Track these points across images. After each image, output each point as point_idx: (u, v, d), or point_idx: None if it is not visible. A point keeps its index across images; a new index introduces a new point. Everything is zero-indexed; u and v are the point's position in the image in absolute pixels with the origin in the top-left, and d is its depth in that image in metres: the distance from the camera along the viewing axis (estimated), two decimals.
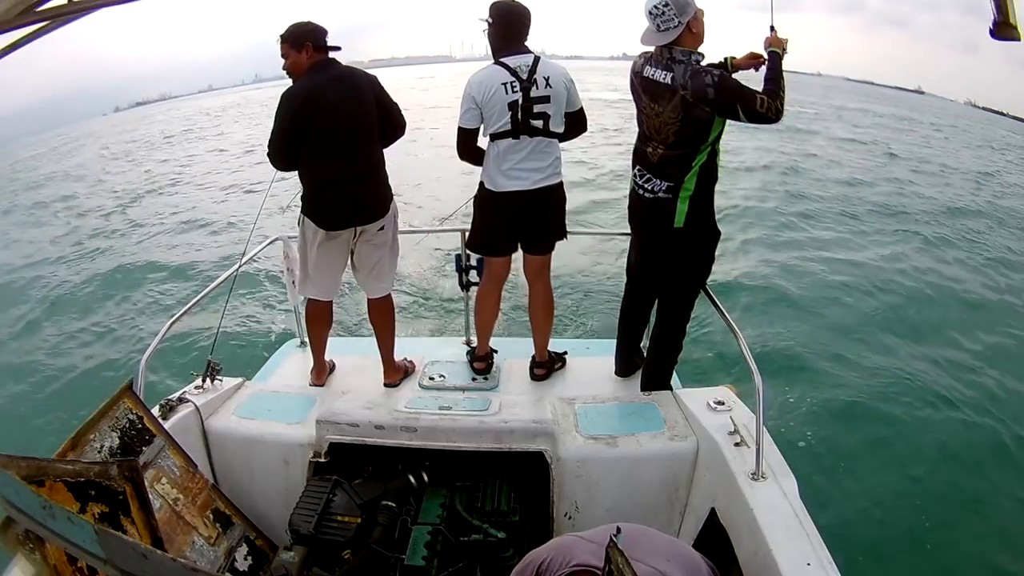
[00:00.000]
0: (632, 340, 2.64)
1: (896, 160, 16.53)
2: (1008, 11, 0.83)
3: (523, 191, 2.36)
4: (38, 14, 0.71)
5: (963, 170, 15.83)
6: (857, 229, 9.44)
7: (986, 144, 23.89)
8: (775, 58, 2.11)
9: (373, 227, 2.40)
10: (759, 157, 14.76)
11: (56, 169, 20.78)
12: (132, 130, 35.34)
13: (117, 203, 12.48)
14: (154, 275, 7.86)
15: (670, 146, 2.13)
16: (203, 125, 31.88)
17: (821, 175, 13.46)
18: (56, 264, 8.67)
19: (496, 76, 2.25)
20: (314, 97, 2.21)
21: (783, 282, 7.05)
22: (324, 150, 2.27)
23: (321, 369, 2.70)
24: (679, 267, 2.32)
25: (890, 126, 26.53)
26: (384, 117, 2.36)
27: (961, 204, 11.59)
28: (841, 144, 18.71)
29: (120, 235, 9.96)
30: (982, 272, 7.77)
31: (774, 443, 1.80)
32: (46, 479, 1.33)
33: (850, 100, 41.71)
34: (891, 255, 8.11)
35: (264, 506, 2.20)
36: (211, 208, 11.64)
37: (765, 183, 12.24)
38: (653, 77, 2.12)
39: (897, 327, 6.01)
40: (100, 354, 5.76)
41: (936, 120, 34.50)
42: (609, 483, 2.05)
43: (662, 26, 2.05)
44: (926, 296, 6.86)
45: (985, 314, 6.46)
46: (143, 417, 1.87)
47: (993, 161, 18.64)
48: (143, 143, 25.94)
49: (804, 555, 1.42)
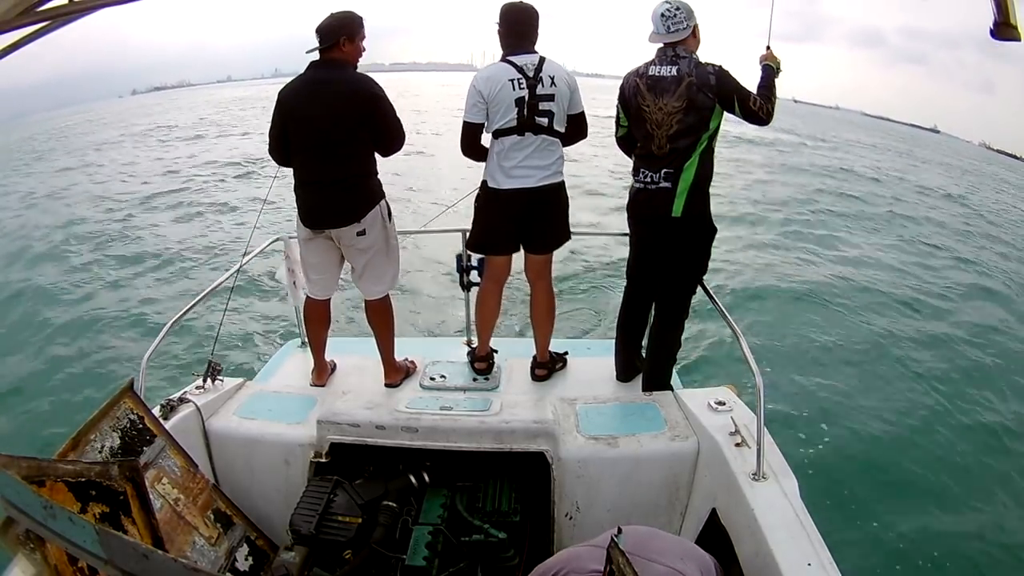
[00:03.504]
0: (632, 343, 2.65)
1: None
2: (1008, 11, 0.83)
3: (526, 189, 2.36)
4: (38, 14, 0.71)
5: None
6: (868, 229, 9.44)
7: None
8: (769, 70, 2.29)
9: (349, 231, 2.38)
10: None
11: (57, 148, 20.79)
12: (149, 114, 35.21)
13: (117, 203, 12.48)
14: (155, 275, 7.86)
15: (672, 136, 2.25)
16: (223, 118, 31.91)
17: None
18: (56, 265, 8.67)
19: (503, 72, 2.28)
20: (290, 99, 2.29)
21: (784, 281, 7.05)
22: (300, 151, 2.33)
23: (322, 369, 2.70)
24: (677, 261, 2.38)
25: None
26: (375, 127, 2.32)
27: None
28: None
29: (120, 235, 9.96)
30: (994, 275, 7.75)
31: (775, 443, 1.80)
32: (47, 479, 1.33)
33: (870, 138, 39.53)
34: (897, 258, 8.10)
35: (265, 506, 2.20)
36: (215, 207, 11.64)
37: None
38: (659, 74, 2.26)
39: (900, 327, 6.01)
40: (100, 354, 5.76)
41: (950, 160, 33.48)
42: (610, 483, 2.05)
43: (672, 27, 2.23)
44: (928, 297, 6.86)
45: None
46: (144, 417, 1.87)
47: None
48: (162, 129, 25.81)
49: (805, 555, 1.41)
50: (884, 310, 6.44)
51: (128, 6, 0.75)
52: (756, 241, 8.68)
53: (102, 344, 5.99)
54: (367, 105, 2.28)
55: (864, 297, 6.74)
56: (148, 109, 45.32)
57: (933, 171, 23.76)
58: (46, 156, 21.31)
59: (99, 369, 5.46)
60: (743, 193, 11.65)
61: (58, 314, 6.80)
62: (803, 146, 25.22)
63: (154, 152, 20.22)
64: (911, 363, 5.33)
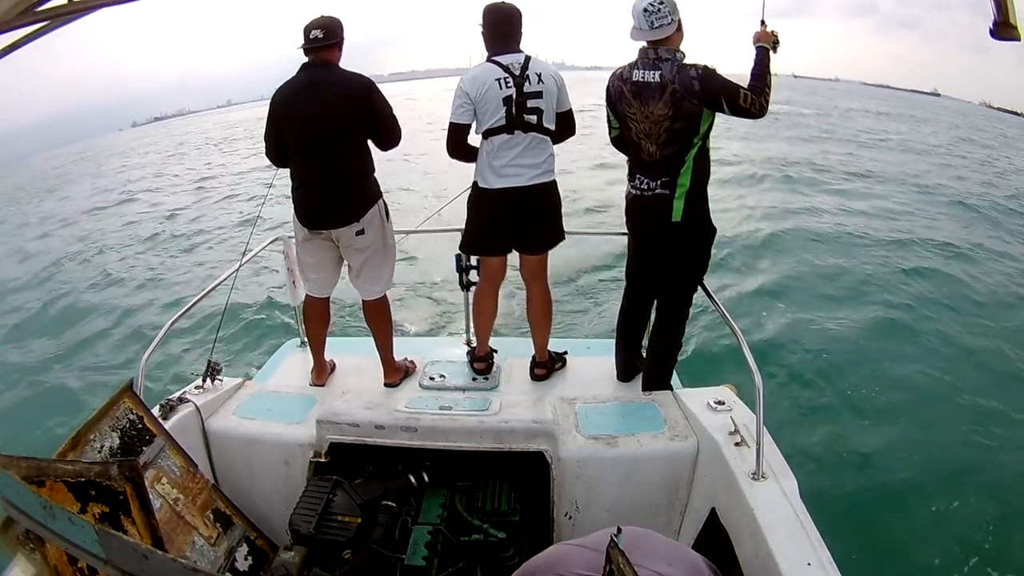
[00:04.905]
0: (632, 343, 2.65)
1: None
2: (1008, 11, 0.83)
3: (517, 188, 2.36)
4: (38, 14, 0.71)
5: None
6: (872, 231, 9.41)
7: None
8: (762, 54, 2.15)
9: (348, 231, 2.38)
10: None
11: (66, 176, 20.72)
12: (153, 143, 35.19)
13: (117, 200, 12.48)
14: (155, 275, 7.86)
15: (663, 144, 2.19)
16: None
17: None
18: (55, 263, 8.67)
19: (490, 73, 2.28)
20: (286, 101, 2.31)
21: (784, 282, 7.05)
22: (298, 152, 2.34)
23: (321, 369, 2.70)
24: (677, 263, 2.36)
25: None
26: (371, 125, 2.33)
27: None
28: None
29: (119, 234, 9.96)
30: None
31: (774, 443, 1.80)
32: (46, 479, 1.32)
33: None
34: (900, 259, 8.09)
35: (264, 506, 2.20)
36: (215, 210, 11.64)
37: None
38: (642, 79, 2.17)
39: (903, 327, 6.01)
40: (100, 354, 5.76)
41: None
42: (609, 483, 2.05)
43: (656, 23, 2.12)
44: (931, 297, 6.85)
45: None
46: (143, 417, 1.87)
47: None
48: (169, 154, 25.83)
49: (805, 555, 1.41)
50: (884, 308, 6.44)
51: (121, 19, 0.75)
52: (758, 240, 8.67)
53: (102, 344, 5.98)
54: (363, 102, 2.28)
55: (871, 297, 6.74)
56: (159, 137, 45.35)
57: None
58: (61, 189, 21.28)
59: (99, 369, 5.45)
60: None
61: (58, 314, 6.80)
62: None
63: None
64: (912, 360, 5.33)
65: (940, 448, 4.14)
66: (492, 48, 2.34)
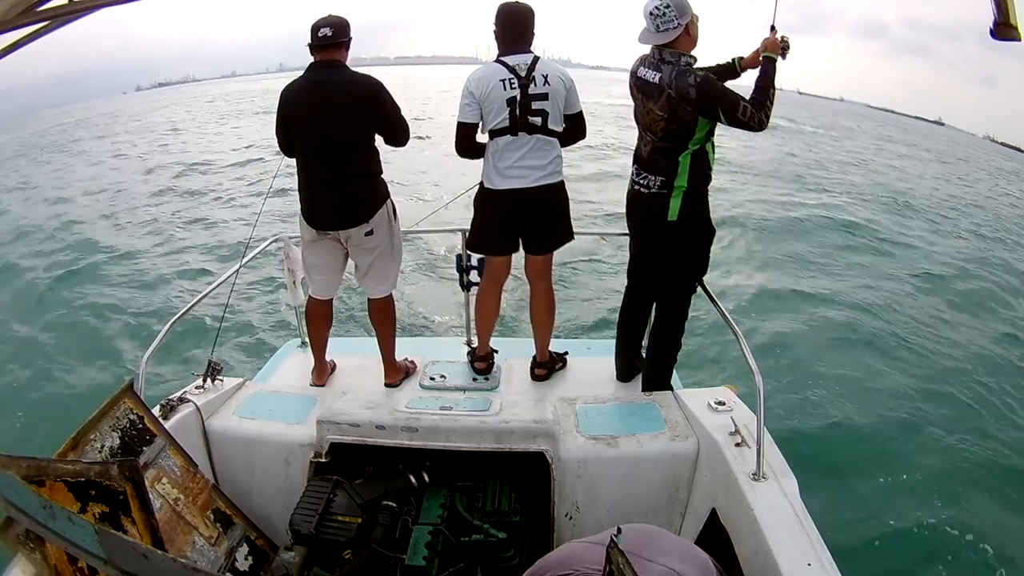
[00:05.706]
0: (632, 343, 2.65)
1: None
2: (1008, 11, 0.83)
3: (522, 189, 2.36)
4: (38, 14, 0.71)
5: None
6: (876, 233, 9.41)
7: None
8: (768, 64, 2.14)
9: (358, 231, 2.39)
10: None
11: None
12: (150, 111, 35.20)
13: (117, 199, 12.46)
14: (155, 275, 7.86)
15: (659, 141, 2.21)
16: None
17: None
18: (55, 263, 8.67)
19: (494, 73, 2.28)
20: (293, 101, 2.31)
21: (785, 281, 7.05)
22: (306, 152, 2.34)
23: (322, 369, 2.70)
24: (674, 262, 2.36)
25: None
26: (380, 123, 2.34)
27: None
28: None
29: (119, 234, 9.95)
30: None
31: (775, 443, 1.80)
32: (46, 479, 1.33)
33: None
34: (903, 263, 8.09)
35: (265, 506, 2.20)
36: (215, 206, 11.63)
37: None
38: (644, 77, 2.20)
39: (903, 327, 6.01)
40: (100, 354, 5.76)
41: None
42: (610, 483, 2.05)
43: (662, 26, 2.11)
44: (934, 298, 6.85)
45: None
46: (144, 417, 1.87)
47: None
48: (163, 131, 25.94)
49: (805, 555, 1.41)
50: (886, 309, 6.44)
51: (129, 5, 0.75)
52: (758, 238, 8.67)
53: (102, 344, 5.98)
54: (371, 102, 2.29)
55: (871, 297, 6.74)
56: (157, 103, 45.37)
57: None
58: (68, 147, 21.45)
59: (99, 369, 5.46)
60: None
61: (58, 313, 6.79)
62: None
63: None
64: (914, 361, 5.33)
65: (942, 448, 4.14)
66: (503, 48, 2.34)
